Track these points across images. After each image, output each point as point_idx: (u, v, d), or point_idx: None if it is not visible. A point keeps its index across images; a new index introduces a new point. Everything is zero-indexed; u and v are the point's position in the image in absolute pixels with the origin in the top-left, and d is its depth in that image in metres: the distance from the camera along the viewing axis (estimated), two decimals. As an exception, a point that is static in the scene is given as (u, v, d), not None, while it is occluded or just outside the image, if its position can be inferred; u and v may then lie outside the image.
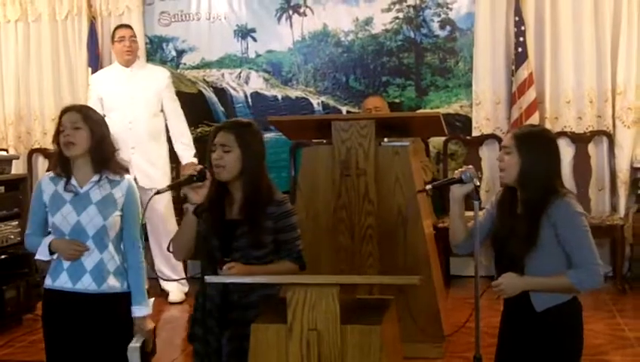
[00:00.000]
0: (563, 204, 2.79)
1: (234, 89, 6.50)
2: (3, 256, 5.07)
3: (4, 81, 6.77)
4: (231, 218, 2.95)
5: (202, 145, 5.77)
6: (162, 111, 5.79)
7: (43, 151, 6.68)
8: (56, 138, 3.02)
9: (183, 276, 5.71)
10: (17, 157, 6.07)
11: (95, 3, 6.56)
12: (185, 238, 2.95)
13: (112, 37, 5.86)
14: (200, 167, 2.90)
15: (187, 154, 5.79)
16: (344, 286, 2.72)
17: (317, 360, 2.58)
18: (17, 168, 6.07)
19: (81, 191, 2.98)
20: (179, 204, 5.27)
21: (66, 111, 3.05)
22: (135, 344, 2.94)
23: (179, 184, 2.92)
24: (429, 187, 3.00)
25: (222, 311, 2.89)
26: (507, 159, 2.86)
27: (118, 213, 3.00)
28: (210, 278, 2.79)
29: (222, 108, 6.38)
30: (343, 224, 4.14)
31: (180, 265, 5.74)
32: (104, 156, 3.00)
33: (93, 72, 6.39)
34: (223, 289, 2.89)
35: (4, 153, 5.81)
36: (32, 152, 6.70)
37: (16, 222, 5.20)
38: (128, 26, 5.93)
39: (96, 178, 3.00)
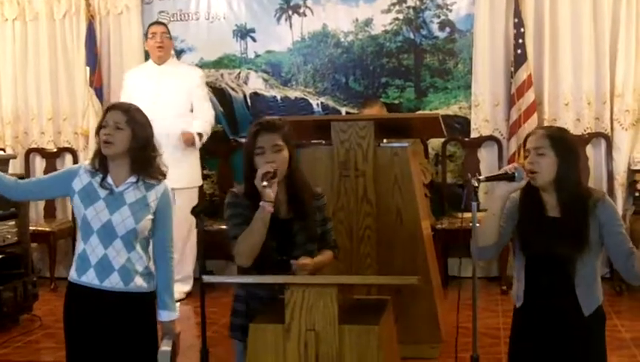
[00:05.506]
0: (607, 203, 2.78)
1: (233, 89, 6.49)
2: (0, 256, 5.06)
3: (2, 81, 6.73)
4: (281, 218, 2.95)
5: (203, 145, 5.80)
6: (192, 111, 5.76)
7: (40, 151, 6.67)
8: (97, 133, 2.95)
9: (190, 274, 5.72)
10: (15, 157, 6.07)
11: (93, 2, 6.53)
12: (258, 238, 2.86)
13: (146, 34, 5.96)
14: (275, 164, 2.86)
15: (196, 125, 5.69)
16: (342, 287, 2.72)
17: (315, 361, 2.59)
18: (15, 168, 6.07)
19: (117, 190, 2.93)
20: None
21: (111, 108, 3.00)
22: (166, 348, 2.92)
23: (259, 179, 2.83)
24: (482, 178, 2.80)
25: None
26: (541, 160, 2.74)
27: (150, 216, 2.94)
28: (208, 278, 2.78)
29: (220, 109, 6.36)
30: (342, 225, 4.13)
31: (189, 265, 5.74)
32: (144, 160, 2.95)
33: (91, 72, 6.40)
34: (272, 289, 2.87)
35: (1, 153, 5.79)
36: (29, 152, 6.68)
37: (13, 222, 5.18)
38: (161, 23, 5.97)
39: (133, 179, 2.94)
